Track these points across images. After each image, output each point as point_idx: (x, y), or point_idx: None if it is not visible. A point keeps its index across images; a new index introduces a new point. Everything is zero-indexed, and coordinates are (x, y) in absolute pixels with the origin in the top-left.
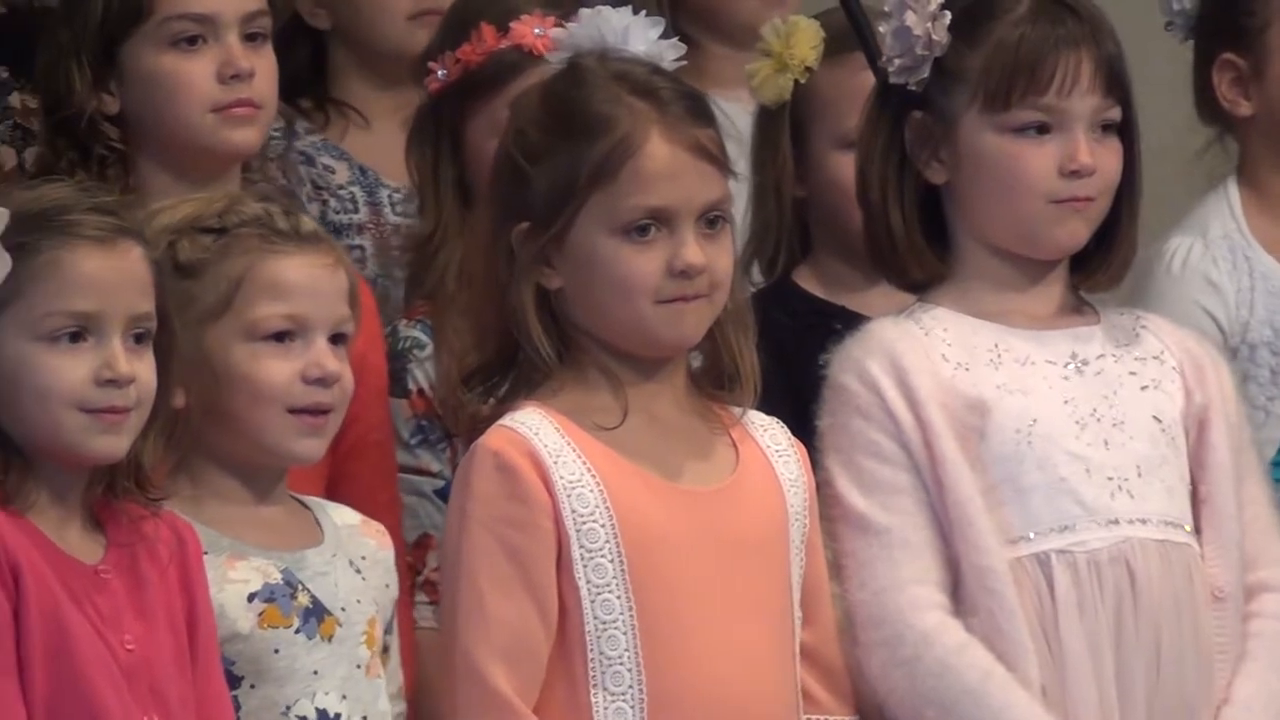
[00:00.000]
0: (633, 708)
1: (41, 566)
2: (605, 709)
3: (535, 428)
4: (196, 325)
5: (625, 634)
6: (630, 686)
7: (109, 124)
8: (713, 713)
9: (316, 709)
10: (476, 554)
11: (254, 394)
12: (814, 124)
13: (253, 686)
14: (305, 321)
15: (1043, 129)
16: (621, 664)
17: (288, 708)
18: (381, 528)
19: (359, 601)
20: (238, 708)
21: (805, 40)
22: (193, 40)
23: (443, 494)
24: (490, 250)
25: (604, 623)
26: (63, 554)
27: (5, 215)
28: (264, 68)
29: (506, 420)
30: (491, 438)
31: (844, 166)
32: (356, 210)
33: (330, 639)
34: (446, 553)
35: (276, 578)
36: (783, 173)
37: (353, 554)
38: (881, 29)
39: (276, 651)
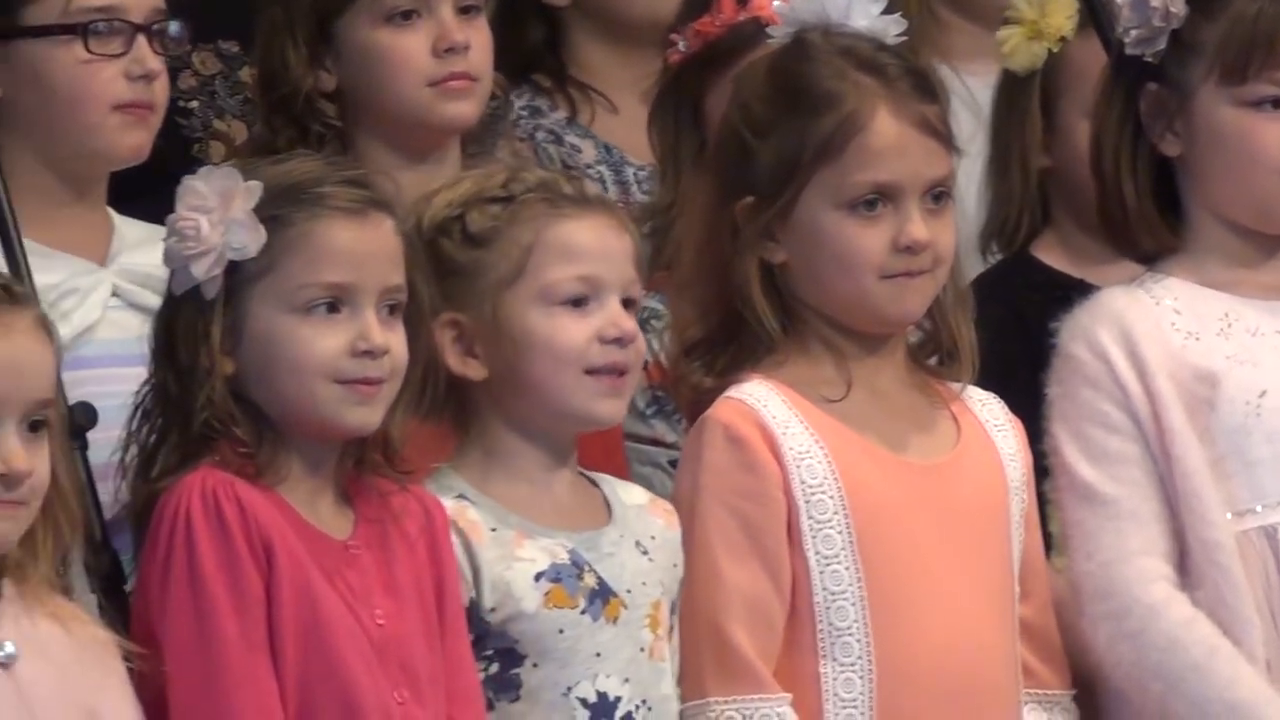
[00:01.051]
0: (861, 678)
1: (293, 542)
2: (834, 679)
3: (763, 399)
4: (492, 293)
5: (854, 605)
6: (859, 657)
7: (325, 101)
8: (940, 684)
9: (597, 691)
10: (710, 525)
11: (553, 357)
12: (1065, 94)
13: (535, 666)
14: (598, 283)
15: (1279, 103)
16: (850, 635)
17: (569, 689)
18: (669, 507)
19: (644, 584)
20: (518, 685)
21: (1061, 9)
22: (407, 15)
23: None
24: (714, 224)
25: (833, 594)
26: (314, 529)
27: (258, 189)
28: (479, 40)
29: (734, 392)
30: (721, 409)
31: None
32: (605, 189)
33: (615, 621)
34: (679, 526)
35: (564, 558)
36: (1029, 142)
37: (640, 534)
38: (1119, 0)
39: (561, 632)
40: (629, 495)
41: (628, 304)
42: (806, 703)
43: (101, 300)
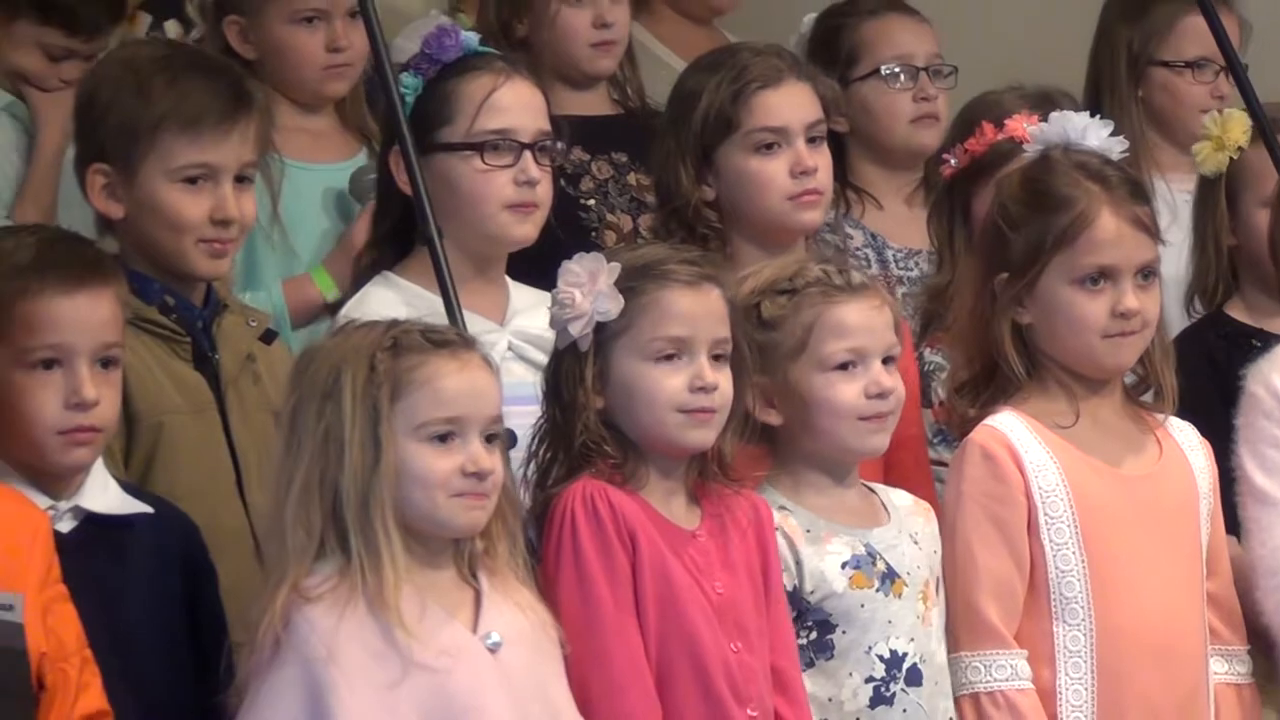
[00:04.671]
0: (1085, 636)
1: (651, 531)
2: (1063, 636)
3: (1011, 426)
4: (782, 363)
5: (1079, 580)
6: (1083, 620)
7: (708, 209)
8: (1145, 641)
9: (890, 649)
10: (969, 522)
11: (831, 412)
12: (1245, 190)
13: (844, 632)
14: (864, 351)
15: None
16: (1076, 603)
17: (869, 648)
18: (928, 506)
19: (918, 567)
20: (831, 647)
21: (1238, 127)
22: (770, 146)
23: None
24: (978, 294)
25: (1062, 572)
26: (667, 521)
27: (618, 268)
28: (824, 164)
29: (989, 421)
30: (978, 434)
31: (1266, 220)
32: (869, 265)
33: (900, 596)
34: (945, 522)
35: (861, 550)
36: (1219, 227)
37: (911, 529)
38: None
39: (862, 606)
40: (898, 498)
41: (890, 361)
42: (1042, 654)
43: (500, 353)
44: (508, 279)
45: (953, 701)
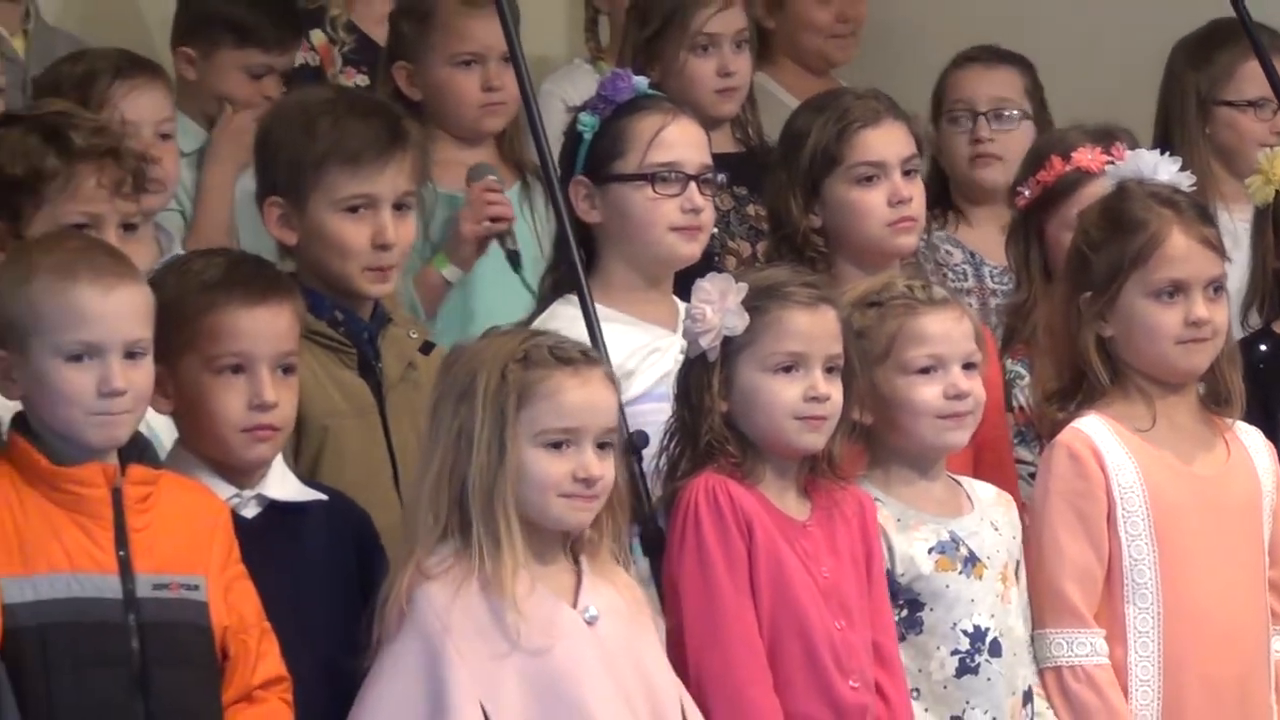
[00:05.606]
0: (1153, 618)
1: (766, 521)
2: (1134, 618)
3: (1094, 429)
4: (870, 368)
5: (1150, 568)
6: (1152, 603)
7: (815, 236)
8: (1209, 625)
9: (974, 625)
10: (1054, 514)
11: (912, 411)
12: None
13: (931, 610)
14: (943, 358)
15: None
16: (1147, 588)
17: (954, 624)
18: (1009, 498)
19: (998, 551)
20: (920, 623)
21: None
22: (870, 178)
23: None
24: (1065, 311)
25: (1135, 560)
26: (781, 513)
27: (745, 288)
28: (917, 194)
29: (1074, 424)
30: (1064, 436)
31: None
32: (966, 280)
33: (981, 578)
34: (1034, 514)
35: (946, 536)
36: (1269, 250)
37: (992, 517)
38: None
39: (947, 587)
40: (982, 490)
41: (969, 367)
42: (1115, 633)
43: (673, 356)
44: (673, 296)
45: (1034, 671)
